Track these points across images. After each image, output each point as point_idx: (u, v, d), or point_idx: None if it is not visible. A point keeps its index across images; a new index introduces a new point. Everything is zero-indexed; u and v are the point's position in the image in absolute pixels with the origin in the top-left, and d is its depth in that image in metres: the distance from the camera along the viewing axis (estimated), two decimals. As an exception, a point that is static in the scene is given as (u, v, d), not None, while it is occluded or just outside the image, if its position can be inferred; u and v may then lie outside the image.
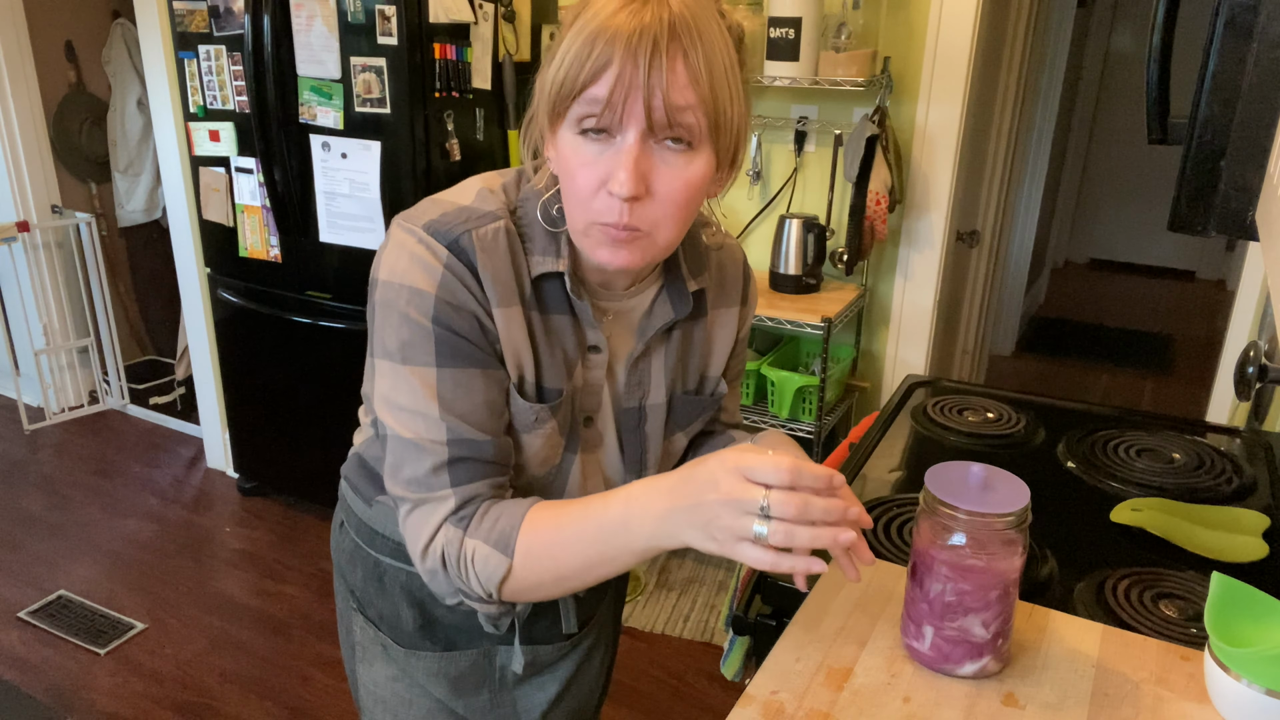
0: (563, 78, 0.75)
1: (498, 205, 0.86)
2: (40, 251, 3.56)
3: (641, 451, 0.97)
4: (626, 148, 0.75)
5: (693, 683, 2.31)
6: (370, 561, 1.04)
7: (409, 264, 0.81)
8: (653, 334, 0.92)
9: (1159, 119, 0.90)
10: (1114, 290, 5.81)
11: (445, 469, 0.83)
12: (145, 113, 3.70)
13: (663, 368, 0.96)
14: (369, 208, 2.49)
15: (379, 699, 1.07)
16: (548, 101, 0.78)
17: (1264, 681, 0.81)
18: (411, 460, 0.83)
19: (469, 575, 0.83)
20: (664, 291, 0.93)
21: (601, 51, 0.73)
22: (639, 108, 0.74)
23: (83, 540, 2.89)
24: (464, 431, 0.83)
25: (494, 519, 0.83)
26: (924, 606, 0.90)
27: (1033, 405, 1.59)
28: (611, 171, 0.76)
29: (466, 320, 0.82)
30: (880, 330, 2.65)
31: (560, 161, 0.80)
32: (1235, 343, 2.26)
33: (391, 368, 0.83)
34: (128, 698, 2.24)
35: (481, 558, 0.82)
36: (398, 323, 0.82)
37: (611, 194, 0.76)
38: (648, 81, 0.73)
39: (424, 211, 0.84)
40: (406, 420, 0.83)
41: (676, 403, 0.98)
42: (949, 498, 0.86)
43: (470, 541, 0.82)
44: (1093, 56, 5.36)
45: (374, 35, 2.31)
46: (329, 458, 2.87)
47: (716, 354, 1.00)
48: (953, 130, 2.39)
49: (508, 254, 0.84)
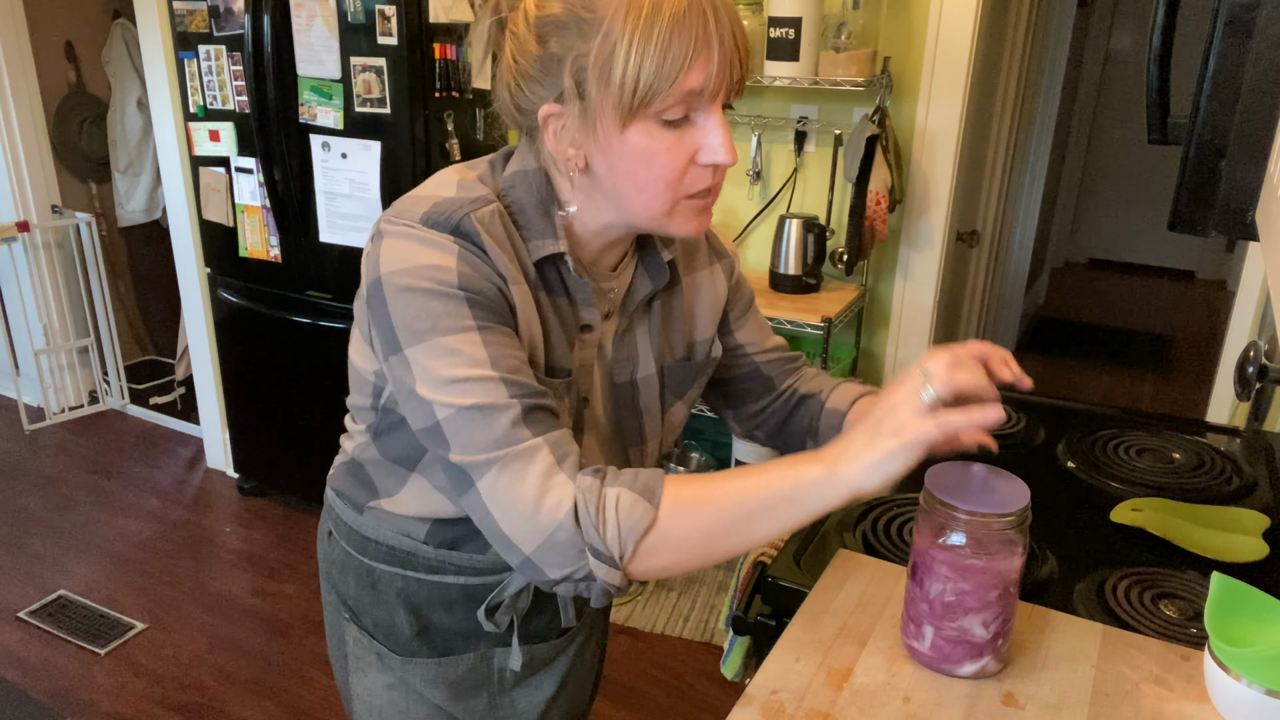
0: (651, 78, 0.74)
1: (484, 191, 0.84)
2: (40, 251, 3.56)
3: (639, 426, 0.99)
4: (719, 120, 0.79)
5: (693, 683, 2.31)
6: (363, 569, 1.02)
7: (418, 248, 0.79)
8: (634, 307, 0.94)
9: (1159, 119, 0.90)
10: (1114, 290, 5.81)
11: (522, 422, 0.78)
12: (145, 113, 3.70)
13: (648, 340, 0.97)
14: (369, 208, 2.49)
15: (374, 709, 1.05)
16: (625, 98, 0.75)
17: (1264, 681, 0.81)
18: (481, 425, 0.77)
19: (606, 525, 0.76)
20: (640, 265, 0.95)
21: (681, 38, 0.74)
22: (728, 81, 0.77)
23: (83, 540, 2.89)
24: (524, 384, 0.79)
25: (633, 474, 0.79)
26: (924, 606, 0.90)
27: (1033, 405, 1.59)
28: (698, 144, 0.79)
29: (490, 289, 0.80)
30: (880, 330, 2.65)
31: (630, 154, 0.79)
32: (1235, 343, 2.26)
33: (426, 348, 0.78)
34: (128, 698, 2.24)
35: (627, 504, 0.76)
36: (423, 301, 0.78)
37: (716, 166, 0.80)
38: (735, 55, 0.77)
39: (410, 208, 0.82)
40: (461, 390, 0.77)
41: (668, 372, 0.99)
42: (949, 498, 0.86)
43: (612, 490, 0.77)
44: (1093, 56, 5.36)
45: (374, 35, 2.31)
46: (329, 458, 2.86)
47: (700, 319, 1.02)
48: (953, 130, 2.39)
49: (505, 235, 0.83)
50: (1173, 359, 4.75)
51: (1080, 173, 5.87)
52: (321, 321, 2.69)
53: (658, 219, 0.83)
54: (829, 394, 1.06)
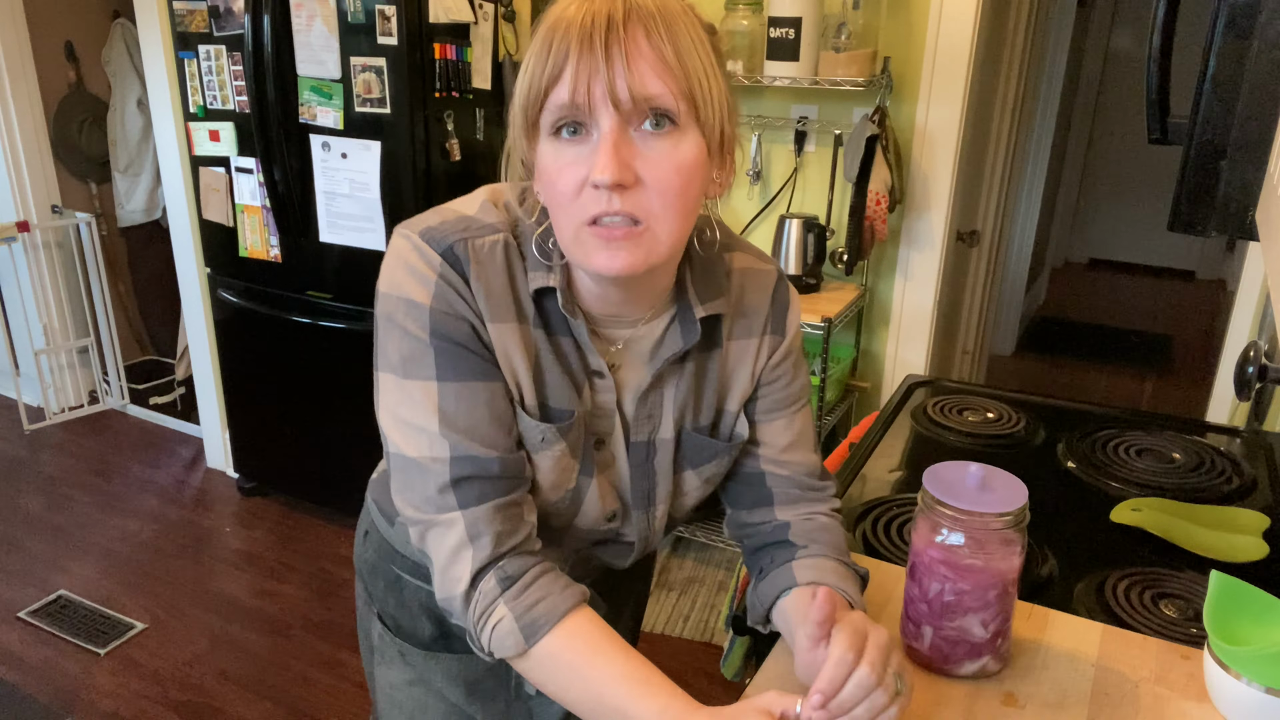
0: (527, 87, 0.74)
1: (499, 219, 0.83)
2: (40, 251, 3.56)
3: (650, 487, 0.92)
4: (603, 135, 0.72)
5: (693, 683, 2.31)
6: (391, 575, 1.05)
7: (405, 275, 0.80)
8: (662, 364, 0.87)
9: (1159, 119, 0.90)
10: (1114, 290, 5.81)
11: (450, 490, 0.80)
12: (145, 113, 3.70)
13: (673, 401, 0.90)
14: (369, 208, 2.49)
15: (395, 703, 1.07)
16: (520, 116, 0.76)
17: (1263, 679, 0.81)
18: (418, 480, 0.81)
19: (481, 633, 0.80)
20: (676, 320, 0.87)
21: (557, 48, 0.71)
22: (603, 94, 0.71)
23: (83, 540, 2.89)
24: (467, 448, 0.80)
25: (535, 597, 0.80)
26: (923, 606, 0.90)
27: (1033, 405, 1.59)
28: (592, 166, 0.72)
29: (464, 329, 0.80)
30: (880, 330, 2.65)
31: (542, 174, 0.76)
32: (1235, 343, 2.26)
33: (395, 382, 0.81)
34: (128, 698, 2.24)
35: (503, 632, 0.79)
36: (399, 337, 0.81)
37: (596, 185, 0.72)
38: (608, 65, 0.70)
39: (424, 219, 0.83)
40: (411, 436, 0.81)
41: (686, 439, 0.92)
42: (947, 498, 0.86)
43: (502, 607, 0.79)
44: (1093, 56, 5.36)
45: (374, 35, 2.31)
46: (329, 458, 2.87)
47: (734, 389, 0.92)
48: (953, 130, 2.39)
49: (504, 269, 0.81)
50: (1173, 359, 4.74)
51: (1080, 173, 5.86)
52: (321, 321, 2.68)
53: (569, 248, 0.77)
54: (800, 569, 0.90)
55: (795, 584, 0.89)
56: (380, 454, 1.09)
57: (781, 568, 0.91)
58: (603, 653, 0.78)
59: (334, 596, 2.63)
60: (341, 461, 2.83)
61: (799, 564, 0.90)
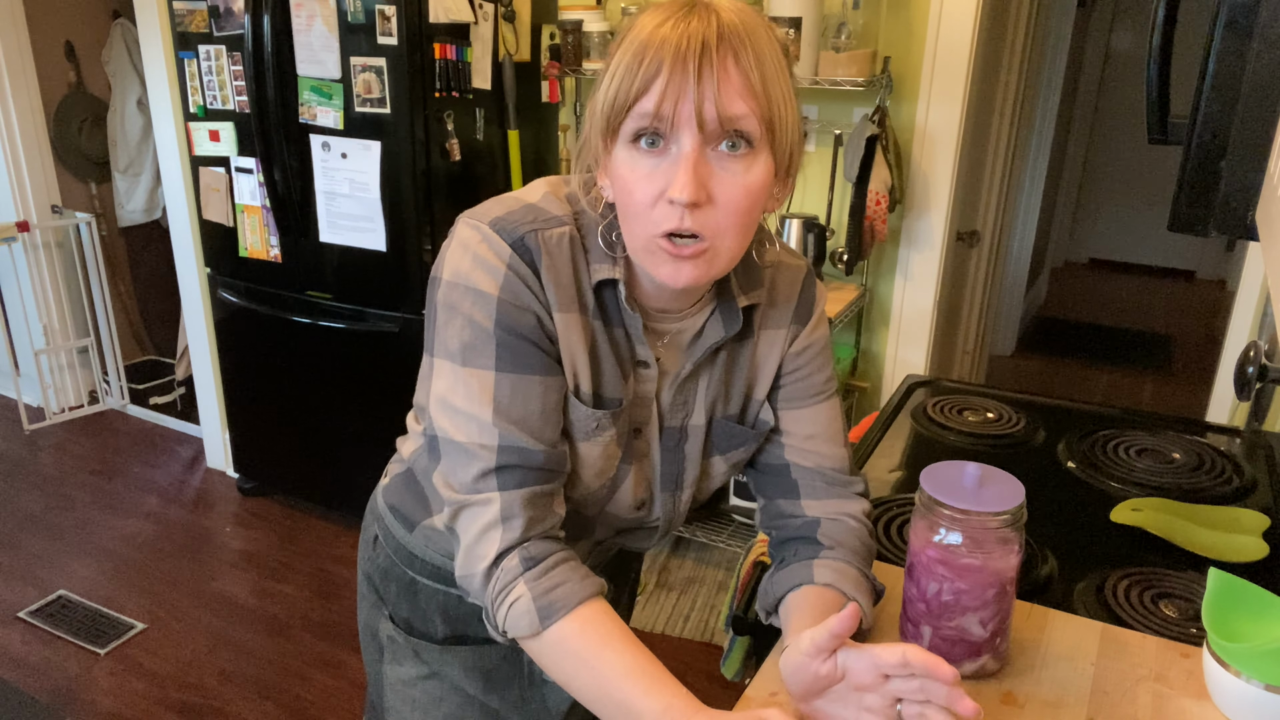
0: (614, 95, 0.75)
1: (564, 210, 0.85)
2: (40, 251, 3.56)
3: (679, 471, 0.96)
4: (684, 154, 0.75)
5: (693, 683, 2.30)
6: (406, 579, 1.05)
7: (472, 265, 0.81)
8: (702, 354, 0.90)
9: (1159, 119, 0.90)
10: (1114, 290, 5.81)
11: (493, 474, 0.82)
12: (145, 113, 3.70)
13: (706, 389, 0.94)
14: (369, 208, 2.49)
15: (408, 698, 1.08)
16: (601, 120, 0.78)
17: (1263, 676, 0.82)
18: (461, 463, 0.83)
19: (498, 610, 0.82)
20: (716, 311, 0.91)
21: (650, 62, 0.74)
22: (690, 113, 0.73)
23: (83, 540, 2.89)
24: (516, 439, 0.82)
25: (555, 581, 0.81)
26: (921, 606, 0.90)
27: (1033, 405, 1.59)
28: (670, 180, 0.75)
29: (529, 321, 0.82)
30: (880, 330, 2.65)
31: (616, 180, 0.79)
32: (1235, 343, 2.26)
33: (452, 368, 0.83)
34: (128, 698, 2.24)
35: (519, 611, 0.80)
36: (461, 325, 0.82)
37: (672, 201, 0.75)
38: (698, 86, 0.73)
39: (490, 209, 0.85)
40: (461, 423, 0.82)
41: (716, 426, 0.95)
42: (944, 497, 0.86)
43: (521, 586, 0.81)
44: (1093, 56, 5.36)
45: (374, 35, 2.31)
46: (329, 458, 2.87)
47: (762, 378, 0.96)
48: (953, 130, 2.39)
49: (570, 261, 0.84)
50: (1173, 359, 4.74)
51: (1080, 173, 5.87)
52: (322, 321, 2.69)
53: (638, 255, 0.80)
54: (820, 569, 0.92)
55: (811, 582, 0.90)
56: (386, 460, 1.09)
57: (802, 563, 0.93)
58: (612, 645, 0.79)
59: (334, 596, 2.63)
60: (342, 461, 2.83)
61: (820, 564, 0.92)
